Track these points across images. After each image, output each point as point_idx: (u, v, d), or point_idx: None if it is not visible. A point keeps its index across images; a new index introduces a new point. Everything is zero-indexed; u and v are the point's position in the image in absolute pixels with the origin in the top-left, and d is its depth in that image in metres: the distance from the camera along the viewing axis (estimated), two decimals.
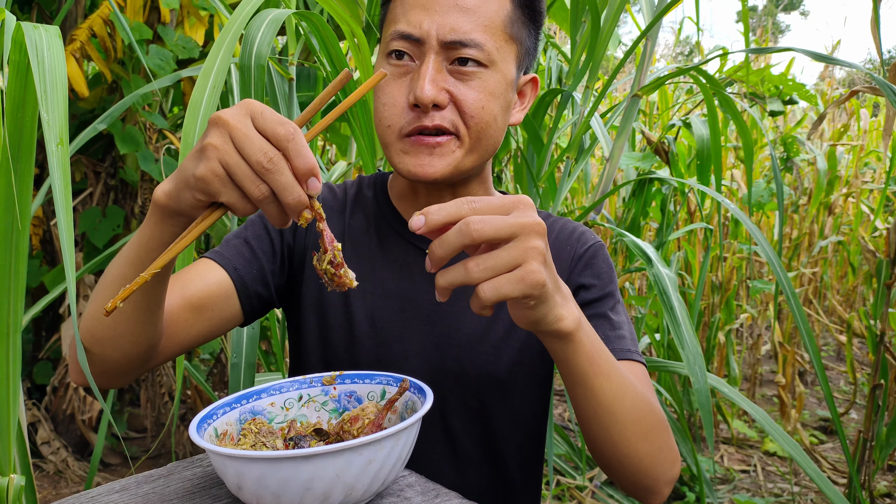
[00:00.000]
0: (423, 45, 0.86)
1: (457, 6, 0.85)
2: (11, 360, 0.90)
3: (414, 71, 0.87)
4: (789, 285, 1.64)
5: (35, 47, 0.80)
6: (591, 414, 0.76)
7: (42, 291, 2.80)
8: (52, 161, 0.79)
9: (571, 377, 0.74)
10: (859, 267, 4.88)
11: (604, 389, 0.74)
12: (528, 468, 1.02)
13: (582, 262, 0.98)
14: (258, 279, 0.95)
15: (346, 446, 0.58)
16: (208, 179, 0.61)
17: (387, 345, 0.95)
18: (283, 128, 0.60)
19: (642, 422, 0.78)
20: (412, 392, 0.72)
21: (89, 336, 0.80)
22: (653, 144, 2.75)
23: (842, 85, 5.90)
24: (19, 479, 1.01)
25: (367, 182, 1.07)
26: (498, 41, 0.87)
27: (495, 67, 0.88)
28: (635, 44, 1.94)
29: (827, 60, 1.80)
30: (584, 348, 0.70)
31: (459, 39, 0.85)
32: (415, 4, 0.87)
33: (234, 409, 0.73)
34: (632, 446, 0.78)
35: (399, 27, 0.87)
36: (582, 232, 1.02)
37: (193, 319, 0.88)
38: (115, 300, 0.61)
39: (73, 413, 2.86)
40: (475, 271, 0.61)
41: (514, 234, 0.61)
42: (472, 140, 0.89)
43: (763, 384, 4.32)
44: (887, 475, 3.17)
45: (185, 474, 0.75)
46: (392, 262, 0.97)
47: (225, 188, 0.61)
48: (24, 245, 0.84)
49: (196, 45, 2.72)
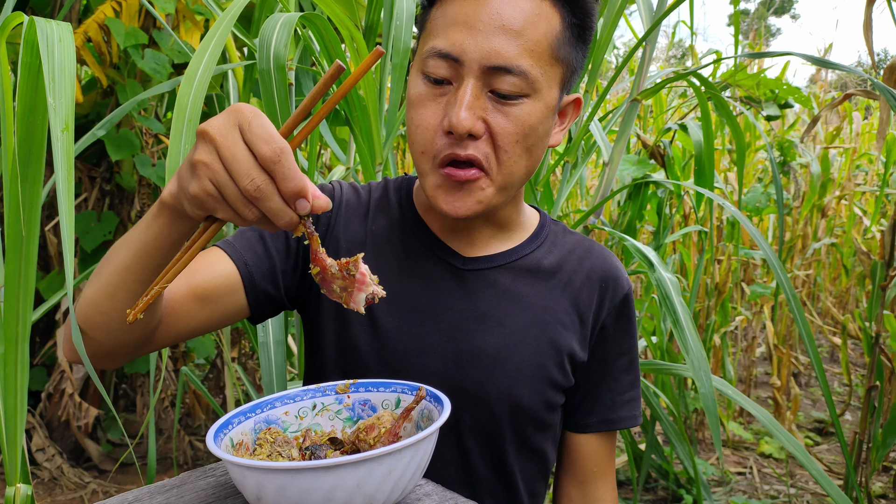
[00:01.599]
0: (463, 67, 0.80)
1: (503, 28, 0.79)
2: (19, 368, 0.89)
3: (451, 94, 0.82)
4: (790, 287, 1.64)
5: (46, 38, 0.79)
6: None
7: (37, 298, 2.78)
8: (57, 147, 0.77)
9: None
10: (852, 269, 4.91)
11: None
12: (537, 490, 1.01)
13: (617, 312, 0.99)
14: (268, 277, 0.92)
15: (367, 456, 0.58)
16: (202, 198, 0.61)
17: (405, 359, 0.92)
18: (269, 147, 0.58)
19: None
20: (428, 400, 0.72)
21: (84, 319, 0.79)
22: (648, 148, 2.76)
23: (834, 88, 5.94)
24: (26, 489, 1.00)
25: (393, 186, 1.02)
26: (543, 66, 0.82)
27: (538, 95, 0.83)
28: (633, 50, 1.95)
29: (824, 64, 1.82)
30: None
31: (503, 65, 0.79)
32: (457, 20, 0.81)
33: (249, 418, 0.73)
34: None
35: (438, 44, 0.82)
36: (619, 270, 1.00)
37: (196, 310, 0.86)
38: (135, 312, 0.61)
39: (68, 419, 2.84)
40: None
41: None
42: (502, 177, 0.85)
43: (758, 386, 4.34)
44: (882, 476, 3.19)
45: (198, 484, 0.74)
46: (416, 275, 0.94)
47: (220, 206, 0.61)
48: (33, 252, 0.84)
49: (192, 48, 2.71)
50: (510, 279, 0.95)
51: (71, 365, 2.83)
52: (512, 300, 0.94)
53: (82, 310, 0.79)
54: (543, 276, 0.96)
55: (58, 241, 2.92)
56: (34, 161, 0.83)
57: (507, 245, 0.97)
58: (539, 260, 0.97)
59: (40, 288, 2.73)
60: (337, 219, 0.97)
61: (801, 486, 3.09)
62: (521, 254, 0.97)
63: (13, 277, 0.86)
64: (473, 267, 0.95)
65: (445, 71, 0.82)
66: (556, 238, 1.01)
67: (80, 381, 2.87)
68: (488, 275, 0.95)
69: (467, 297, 0.94)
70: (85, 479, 2.81)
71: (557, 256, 0.98)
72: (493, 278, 0.95)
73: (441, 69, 0.82)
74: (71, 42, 0.85)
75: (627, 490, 2.99)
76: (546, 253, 0.98)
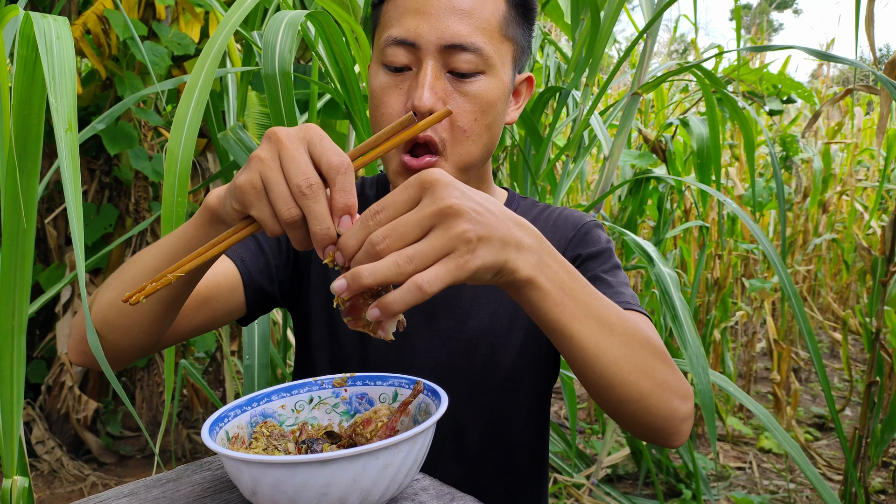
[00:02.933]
0: (420, 50, 0.84)
1: (453, 9, 0.83)
2: (15, 361, 0.89)
3: (412, 78, 0.86)
4: (790, 283, 1.64)
5: (44, 35, 0.79)
6: (580, 362, 0.70)
7: (36, 290, 2.77)
8: (62, 147, 0.78)
9: (546, 327, 0.68)
10: (853, 264, 4.90)
11: (584, 335, 0.68)
12: (535, 464, 1.02)
13: (576, 239, 0.97)
14: (264, 273, 0.95)
15: (363, 451, 0.57)
16: (245, 190, 0.61)
17: (394, 342, 0.94)
18: (338, 158, 0.60)
19: (637, 359, 0.71)
20: (425, 394, 0.72)
21: (102, 321, 0.79)
22: (650, 143, 2.76)
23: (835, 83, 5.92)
24: (22, 481, 1.00)
25: (368, 183, 1.06)
26: (495, 43, 0.86)
27: (493, 71, 0.87)
28: (634, 42, 1.94)
29: (825, 58, 1.80)
30: (549, 296, 0.64)
31: (458, 43, 0.83)
32: (409, 8, 0.85)
33: (245, 411, 0.72)
34: (631, 385, 0.71)
35: (393, 32, 0.85)
36: (579, 215, 1.01)
37: (197, 310, 0.88)
38: (137, 295, 0.61)
39: (68, 412, 2.84)
40: (406, 267, 0.56)
41: (432, 226, 0.57)
42: (459, 157, 0.87)
43: (758, 381, 4.34)
44: (882, 472, 3.19)
45: (194, 478, 0.74)
46: None
47: (258, 202, 0.61)
48: (29, 245, 0.83)
49: (191, 41, 2.70)
50: None
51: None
52: None
53: (100, 312, 0.79)
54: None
55: (57, 234, 2.91)
56: (31, 154, 0.82)
57: None
58: None
59: (40, 280, 2.72)
60: None
61: (800, 482, 3.09)
62: None
63: (9, 270, 0.86)
64: None
65: (404, 57, 0.85)
66: (525, 212, 1.02)
67: (80, 374, 2.87)
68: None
69: None
70: (84, 471, 2.81)
71: None
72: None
73: (400, 56, 0.85)
74: (69, 39, 0.84)
75: (627, 485, 3.00)
76: None
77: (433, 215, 0.57)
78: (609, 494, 2.77)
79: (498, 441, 0.96)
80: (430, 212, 0.57)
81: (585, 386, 0.74)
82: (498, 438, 0.96)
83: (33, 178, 0.82)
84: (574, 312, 0.66)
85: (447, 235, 0.57)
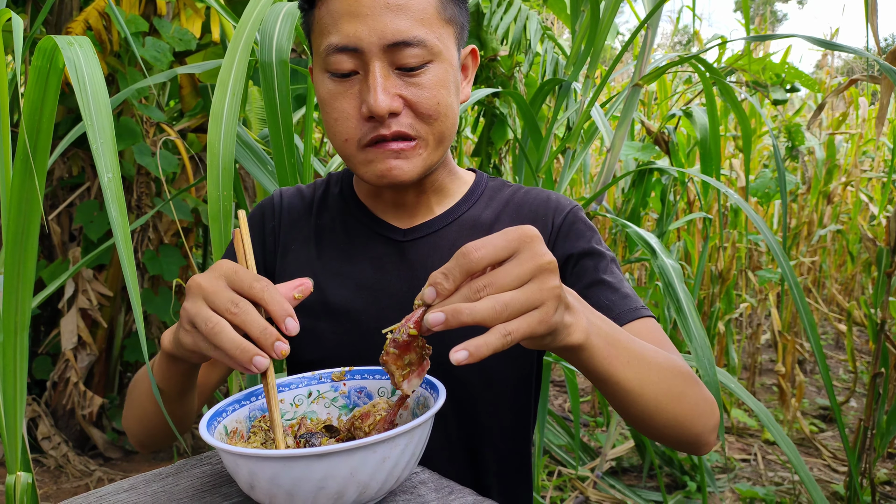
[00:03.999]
0: (364, 54, 0.82)
1: (388, 6, 0.82)
2: (18, 357, 0.89)
3: (360, 83, 0.84)
4: (792, 275, 1.63)
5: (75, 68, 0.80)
6: (623, 402, 0.75)
7: (40, 286, 2.78)
8: (108, 193, 0.80)
9: (593, 378, 0.73)
10: (858, 255, 4.88)
11: (628, 378, 0.72)
12: (517, 453, 1.01)
13: (563, 232, 0.96)
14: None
15: (360, 444, 0.57)
16: (193, 350, 0.68)
17: (366, 337, 0.92)
18: (258, 283, 0.66)
19: (672, 388, 0.77)
20: (424, 388, 0.72)
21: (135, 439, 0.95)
22: (652, 134, 2.74)
23: (840, 73, 5.89)
24: (26, 477, 1.01)
25: (334, 179, 1.06)
26: (437, 30, 0.85)
27: (440, 58, 0.86)
28: (635, 33, 1.93)
29: (829, 46, 1.79)
30: (599, 351, 0.69)
31: (401, 39, 0.82)
32: (343, 13, 0.83)
33: (244, 406, 0.72)
34: (668, 413, 0.77)
35: (333, 40, 0.83)
36: (556, 199, 1.00)
37: (209, 373, 0.97)
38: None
39: (73, 408, 2.85)
40: (502, 313, 0.59)
41: (529, 279, 0.60)
42: (435, 137, 0.88)
43: (763, 373, 4.33)
44: (887, 463, 3.19)
45: (193, 472, 0.74)
46: (363, 256, 0.97)
47: (213, 351, 0.66)
48: (33, 244, 0.84)
49: (193, 36, 2.70)
50: (451, 239, 0.97)
51: (75, 354, 2.84)
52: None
53: (130, 432, 0.94)
54: (484, 229, 0.97)
55: (61, 230, 2.92)
56: (39, 156, 0.83)
57: (444, 208, 0.99)
58: (477, 215, 0.98)
59: (43, 276, 2.73)
60: (280, 226, 1.02)
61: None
62: (458, 213, 0.98)
63: (13, 267, 0.86)
64: (413, 237, 0.97)
65: (349, 64, 0.84)
66: (494, 193, 1.02)
67: (85, 371, 2.88)
68: (429, 240, 0.97)
69: (412, 267, 0.95)
70: (90, 466, 2.82)
71: (495, 209, 0.99)
72: (433, 242, 0.96)
73: (344, 63, 0.84)
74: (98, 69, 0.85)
75: (631, 477, 3.00)
76: (483, 208, 0.99)
77: (532, 270, 0.60)
78: (614, 487, 2.78)
79: (479, 432, 0.96)
80: (529, 267, 0.60)
81: (625, 418, 0.79)
82: (479, 429, 0.96)
83: (40, 177, 0.82)
84: (619, 360, 0.71)
85: (541, 290, 0.60)
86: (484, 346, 0.58)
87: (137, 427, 0.93)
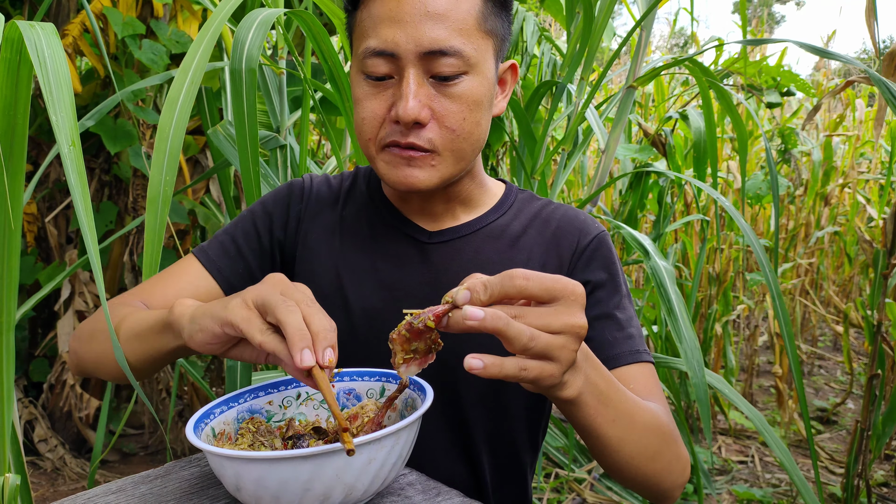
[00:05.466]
0: (400, 60, 0.83)
1: (428, 14, 0.82)
2: (5, 357, 0.89)
3: (394, 87, 0.85)
4: (775, 283, 1.63)
5: (35, 48, 0.79)
6: (601, 453, 0.78)
7: (37, 289, 2.78)
8: (67, 163, 0.78)
9: (577, 427, 0.75)
10: (855, 257, 4.88)
11: (610, 436, 0.75)
12: (525, 460, 1.01)
13: (585, 257, 0.96)
14: (245, 277, 0.96)
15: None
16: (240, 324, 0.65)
17: (381, 336, 0.93)
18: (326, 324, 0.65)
19: (649, 447, 0.79)
20: (412, 389, 0.72)
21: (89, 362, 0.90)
22: (650, 136, 2.75)
23: (837, 75, 5.89)
24: (14, 478, 1.00)
25: (362, 173, 1.06)
26: (475, 42, 0.85)
27: (476, 70, 0.86)
28: (629, 34, 1.93)
29: (821, 53, 1.79)
30: (588, 408, 0.71)
31: (438, 48, 0.82)
32: (383, 17, 0.83)
33: (232, 407, 0.72)
34: (641, 470, 0.80)
35: (371, 43, 0.84)
36: (584, 220, 1.00)
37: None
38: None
39: (70, 410, 2.85)
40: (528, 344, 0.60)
41: (560, 332, 0.62)
42: (454, 153, 0.87)
43: (760, 375, 4.33)
44: (884, 464, 3.19)
45: (182, 474, 0.74)
46: (385, 254, 0.97)
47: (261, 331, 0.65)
48: (16, 243, 0.83)
49: (189, 39, 2.69)
50: (475, 247, 0.97)
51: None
52: (478, 267, 0.95)
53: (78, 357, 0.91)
54: (509, 241, 0.97)
55: (58, 232, 2.92)
56: (16, 155, 0.82)
57: (472, 217, 0.99)
58: (505, 226, 0.99)
59: (40, 279, 2.73)
60: (306, 211, 1.01)
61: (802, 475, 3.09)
62: (485, 222, 0.99)
63: None
64: (438, 240, 0.97)
65: (384, 68, 0.84)
66: (523, 205, 1.02)
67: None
68: (454, 244, 0.97)
69: (434, 269, 0.96)
70: (87, 469, 2.82)
71: (523, 222, 0.99)
72: (457, 248, 0.97)
73: (380, 67, 0.84)
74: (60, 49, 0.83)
75: None
76: (512, 219, 1.00)
77: (564, 327, 0.62)
78: (611, 489, 2.77)
79: (485, 434, 0.96)
80: (564, 322, 0.61)
81: (599, 462, 0.82)
82: (485, 432, 0.96)
83: (19, 177, 0.82)
84: (606, 417, 0.73)
85: (565, 348, 0.62)
86: (499, 367, 0.60)
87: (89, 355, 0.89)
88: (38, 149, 2.78)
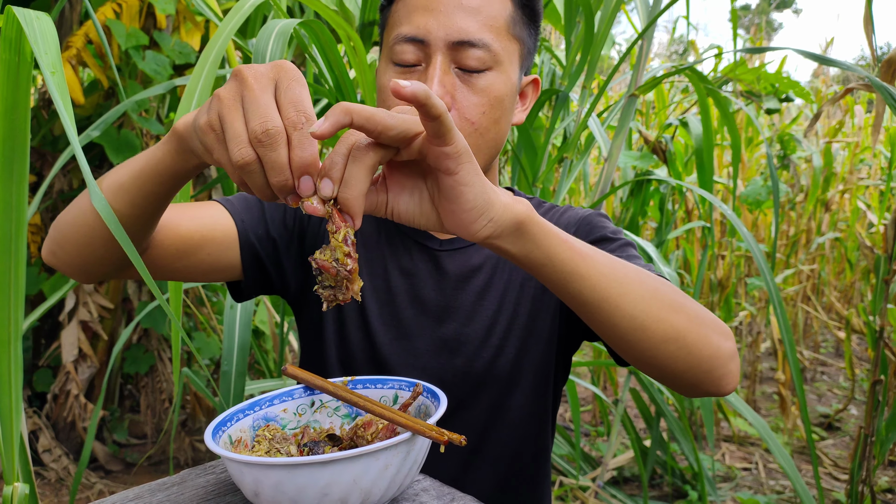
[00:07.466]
0: (429, 46, 0.85)
1: (461, 6, 0.85)
2: (13, 368, 0.89)
3: (420, 74, 0.86)
4: (775, 289, 1.64)
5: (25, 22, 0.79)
6: (605, 308, 0.65)
7: (41, 300, 2.79)
8: (51, 86, 0.76)
9: (552, 275, 0.64)
10: (857, 263, 4.89)
11: (591, 274, 0.64)
12: (536, 465, 1.02)
13: (581, 232, 0.95)
14: (263, 240, 0.92)
15: (363, 451, 0.58)
16: (205, 131, 0.58)
17: (399, 342, 0.95)
18: (295, 111, 0.55)
19: (663, 295, 0.68)
20: (425, 396, 0.72)
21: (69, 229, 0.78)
22: (650, 144, 2.76)
23: (836, 82, 5.92)
24: (23, 488, 1.01)
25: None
26: (503, 41, 0.87)
27: (501, 68, 0.87)
28: (631, 46, 1.94)
29: (820, 60, 1.81)
30: (545, 230, 0.63)
31: (467, 39, 0.84)
32: (417, 6, 0.86)
33: (248, 415, 0.73)
34: (665, 322, 0.67)
35: (403, 30, 0.86)
36: (583, 212, 1.00)
37: (183, 254, 0.86)
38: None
39: (74, 420, 2.85)
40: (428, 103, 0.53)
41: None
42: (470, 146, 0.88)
43: (763, 381, 4.34)
44: (888, 470, 3.18)
45: (198, 481, 0.75)
46: (399, 262, 0.98)
47: (218, 145, 0.58)
48: (21, 251, 0.84)
49: (192, 50, 2.71)
50: (485, 253, 0.98)
51: (76, 366, 2.84)
52: (489, 275, 0.97)
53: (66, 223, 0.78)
54: None
55: None
56: (18, 159, 0.83)
57: None
58: None
59: (44, 289, 2.74)
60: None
61: (806, 482, 3.08)
62: None
63: (2, 277, 0.86)
64: (449, 247, 0.98)
65: (413, 55, 0.86)
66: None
67: (86, 383, 2.88)
68: (464, 252, 0.98)
69: (445, 277, 0.96)
70: (91, 479, 2.82)
71: None
72: (468, 255, 0.98)
73: (408, 53, 0.86)
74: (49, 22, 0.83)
75: (633, 486, 2.99)
76: None
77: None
78: (615, 497, 2.77)
79: (498, 441, 0.97)
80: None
81: (617, 340, 0.69)
82: (498, 439, 0.97)
83: (22, 183, 0.82)
84: (574, 249, 0.64)
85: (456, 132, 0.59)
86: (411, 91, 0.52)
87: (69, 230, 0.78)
88: (42, 159, 2.79)
